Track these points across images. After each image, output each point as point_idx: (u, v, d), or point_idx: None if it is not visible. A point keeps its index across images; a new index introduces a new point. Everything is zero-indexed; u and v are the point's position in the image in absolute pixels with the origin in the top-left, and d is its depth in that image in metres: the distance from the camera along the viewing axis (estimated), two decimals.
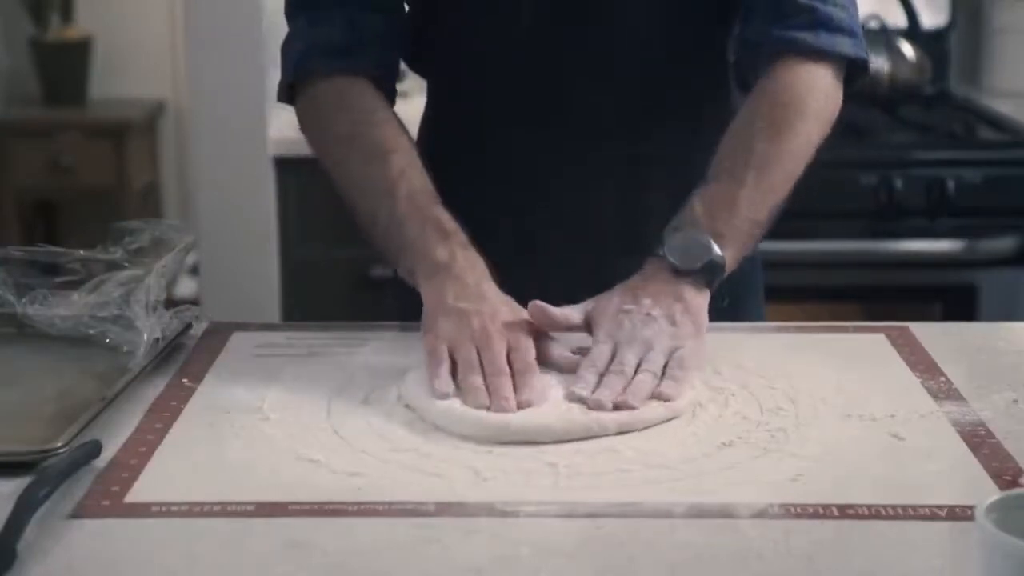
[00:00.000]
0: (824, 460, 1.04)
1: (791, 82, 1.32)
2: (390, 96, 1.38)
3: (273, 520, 0.95)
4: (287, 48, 1.40)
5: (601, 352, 1.18)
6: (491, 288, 1.23)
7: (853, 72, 1.37)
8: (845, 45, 1.33)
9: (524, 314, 1.21)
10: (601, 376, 1.15)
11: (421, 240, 1.26)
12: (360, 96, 1.35)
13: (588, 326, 1.22)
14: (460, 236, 1.26)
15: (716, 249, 1.24)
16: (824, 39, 1.32)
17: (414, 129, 1.43)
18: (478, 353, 1.16)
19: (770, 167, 1.29)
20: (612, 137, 1.41)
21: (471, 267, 1.24)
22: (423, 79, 1.52)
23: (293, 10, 1.41)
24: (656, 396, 1.13)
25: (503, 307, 1.21)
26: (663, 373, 1.16)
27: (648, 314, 1.20)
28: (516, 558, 0.89)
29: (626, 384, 1.14)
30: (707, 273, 1.24)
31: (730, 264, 1.26)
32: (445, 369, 1.15)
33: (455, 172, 1.36)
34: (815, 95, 1.32)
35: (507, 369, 1.15)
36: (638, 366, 1.16)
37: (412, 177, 1.30)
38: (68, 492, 0.98)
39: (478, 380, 1.14)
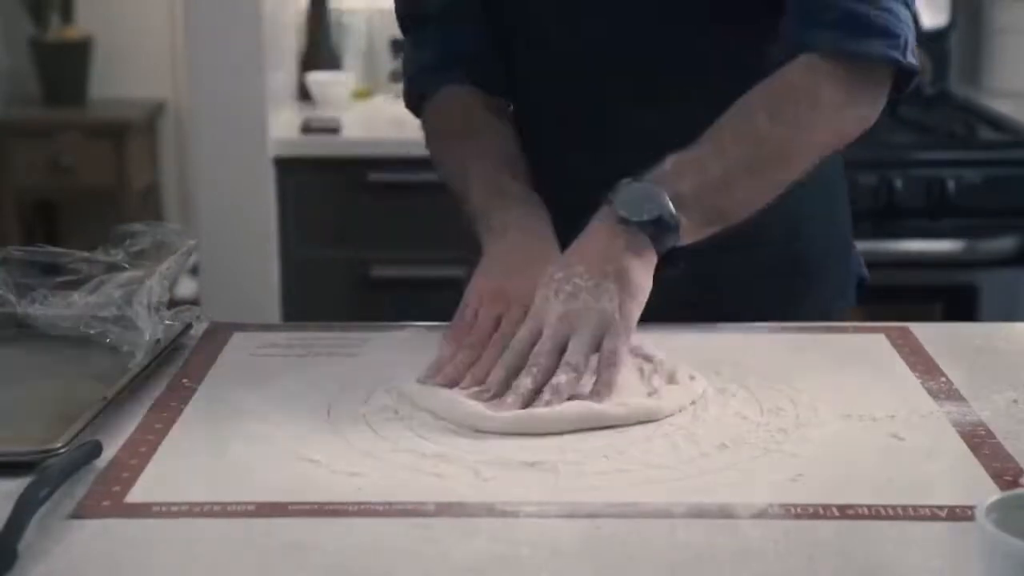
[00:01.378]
0: (824, 460, 1.04)
1: (807, 72, 1.24)
2: (497, 102, 1.45)
3: (273, 520, 0.95)
4: (405, 66, 1.50)
5: (520, 339, 1.16)
6: (536, 247, 1.25)
7: (899, 78, 1.28)
8: (876, 47, 1.24)
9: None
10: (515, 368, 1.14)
11: (484, 204, 1.31)
12: (457, 97, 1.43)
13: None
14: (519, 195, 1.31)
15: (670, 207, 1.16)
16: (849, 41, 1.24)
17: None
18: (498, 319, 1.20)
19: (768, 143, 1.22)
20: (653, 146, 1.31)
21: (526, 226, 1.27)
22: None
23: (405, 28, 1.49)
24: (580, 397, 1.11)
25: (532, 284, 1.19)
26: (590, 363, 1.14)
27: (575, 285, 1.15)
28: (516, 558, 0.89)
29: (537, 381, 1.12)
30: (652, 230, 1.16)
31: (687, 232, 1.18)
32: (449, 352, 1.19)
33: None
34: (832, 91, 1.24)
35: (526, 353, 1.15)
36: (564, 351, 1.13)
37: (491, 151, 1.37)
38: (68, 492, 0.98)
39: (486, 359, 1.17)
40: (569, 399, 1.11)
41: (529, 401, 1.11)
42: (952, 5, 3.13)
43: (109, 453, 1.05)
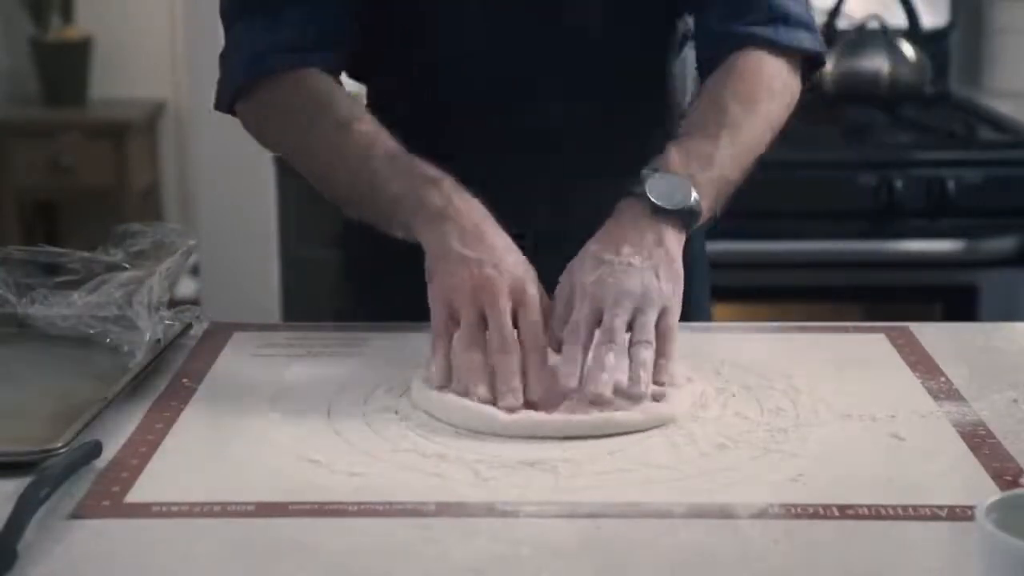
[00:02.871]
0: (824, 460, 1.04)
1: (757, 66, 1.35)
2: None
3: (273, 520, 0.95)
4: (232, 54, 1.38)
5: (584, 320, 1.14)
6: (494, 231, 1.19)
7: (808, 65, 1.40)
8: (804, 40, 1.37)
9: (528, 266, 1.18)
10: (586, 349, 1.13)
11: (412, 192, 1.21)
12: (317, 80, 1.34)
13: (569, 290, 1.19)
14: (450, 181, 1.22)
15: (695, 194, 1.22)
16: (783, 34, 1.35)
17: None
18: (482, 315, 1.14)
19: (742, 130, 1.29)
20: (557, 145, 1.39)
21: (469, 209, 1.20)
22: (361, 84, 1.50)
23: (234, 16, 1.40)
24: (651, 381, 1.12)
25: (508, 255, 1.18)
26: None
27: (629, 263, 1.17)
28: (516, 558, 0.89)
29: (618, 355, 1.12)
30: (686, 218, 1.21)
31: (703, 215, 1.24)
32: (443, 354, 1.14)
33: None
34: (777, 80, 1.35)
35: (514, 340, 1.13)
36: (630, 327, 1.14)
37: (385, 139, 1.27)
38: (68, 492, 0.98)
39: (477, 356, 1.13)
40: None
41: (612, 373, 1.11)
42: (952, 5, 3.12)
43: (109, 453, 1.05)
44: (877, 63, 2.90)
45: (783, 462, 1.04)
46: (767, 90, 1.33)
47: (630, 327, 1.14)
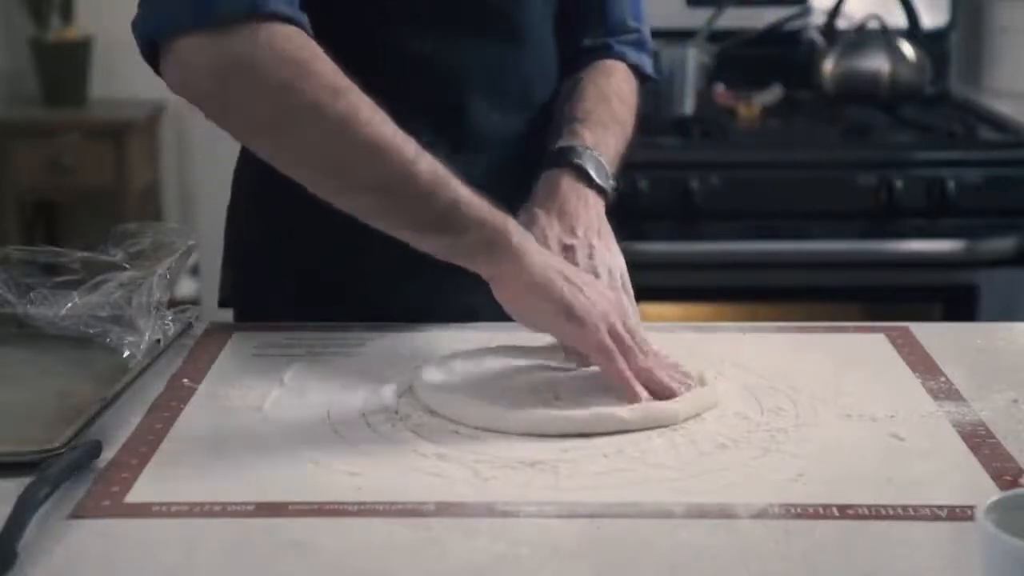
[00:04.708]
0: (824, 460, 1.04)
1: (625, 75, 1.48)
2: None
3: (273, 520, 0.95)
4: None
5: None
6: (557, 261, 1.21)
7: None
8: (648, 65, 1.52)
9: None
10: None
11: (482, 238, 1.15)
12: (304, 37, 1.15)
13: None
14: (512, 223, 1.19)
15: (608, 170, 1.34)
16: (641, 58, 1.51)
17: None
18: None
19: (620, 126, 1.41)
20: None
21: (516, 228, 1.18)
22: None
23: None
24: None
25: (589, 274, 1.24)
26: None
27: (591, 245, 1.27)
28: (516, 558, 0.89)
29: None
30: (609, 195, 1.33)
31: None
32: (626, 369, 1.16)
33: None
34: (632, 94, 1.49)
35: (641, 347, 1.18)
36: None
37: (448, 179, 1.17)
38: (68, 492, 0.98)
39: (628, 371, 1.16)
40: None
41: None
42: (952, 5, 3.13)
43: (109, 453, 1.05)
44: (877, 63, 2.90)
45: (783, 462, 1.04)
46: (629, 96, 1.47)
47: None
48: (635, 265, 1.30)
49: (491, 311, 1.21)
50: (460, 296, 1.29)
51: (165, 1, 1.18)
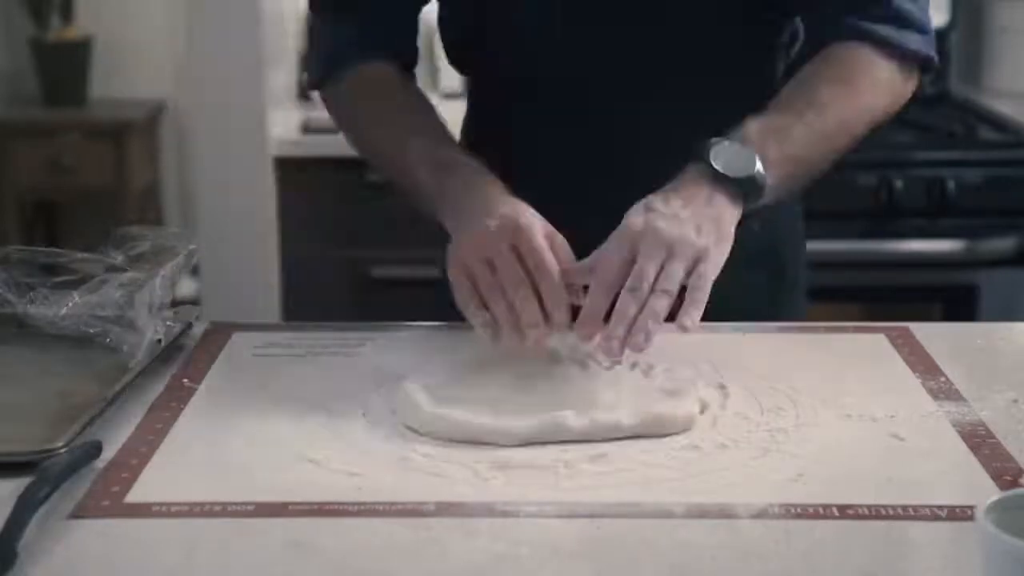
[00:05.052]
0: (824, 460, 1.04)
1: (857, 54, 1.33)
2: (415, 83, 1.46)
3: (273, 520, 0.95)
4: (312, 47, 1.50)
5: (610, 263, 1.15)
6: (498, 198, 1.21)
7: (920, 68, 1.39)
8: (914, 41, 1.35)
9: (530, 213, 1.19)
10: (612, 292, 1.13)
11: (432, 177, 1.29)
12: (379, 74, 1.42)
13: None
14: (467, 162, 1.28)
15: (760, 167, 1.21)
16: (894, 33, 1.34)
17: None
18: (491, 265, 1.16)
19: (830, 111, 1.28)
20: (645, 147, 1.37)
21: (477, 188, 1.24)
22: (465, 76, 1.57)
23: (315, 10, 1.49)
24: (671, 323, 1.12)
25: (503, 207, 1.19)
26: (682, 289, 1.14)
27: (676, 214, 1.17)
28: (516, 558, 0.89)
29: (639, 307, 1.12)
30: (746, 187, 1.21)
31: (768, 192, 1.23)
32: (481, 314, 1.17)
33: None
34: (882, 73, 1.33)
35: (522, 275, 1.15)
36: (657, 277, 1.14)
37: (428, 127, 1.35)
38: (68, 492, 0.98)
39: (500, 304, 1.15)
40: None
41: (631, 326, 1.12)
42: (952, 5, 3.13)
43: (109, 453, 1.05)
44: None
45: (783, 462, 1.04)
46: (867, 78, 1.32)
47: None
48: None
49: None
50: None
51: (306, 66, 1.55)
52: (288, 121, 2.96)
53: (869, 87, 1.32)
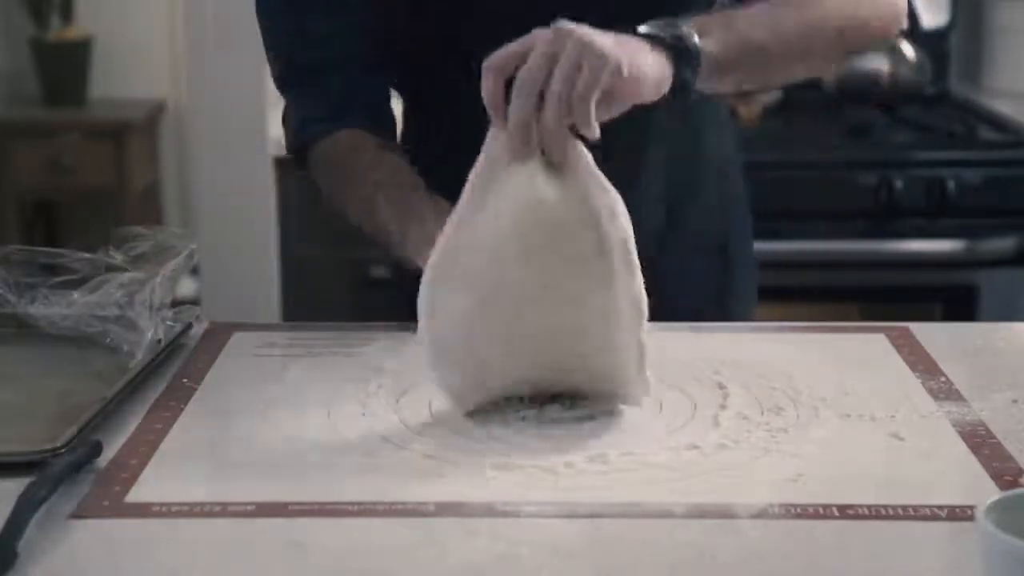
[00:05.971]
0: (824, 460, 1.04)
1: None
2: (393, 145, 1.43)
3: (273, 520, 0.95)
4: (287, 119, 1.47)
5: (536, 64, 1.04)
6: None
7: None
8: None
9: None
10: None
11: (399, 222, 1.27)
12: (351, 141, 1.39)
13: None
14: (421, 205, 1.25)
15: (695, 38, 1.16)
16: None
17: None
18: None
19: (784, 20, 1.27)
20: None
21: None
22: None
23: (284, 85, 1.47)
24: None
25: None
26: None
27: (584, 29, 1.06)
28: (516, 558, 0.89)
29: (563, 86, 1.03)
30: (678, 50, 1.15)
31: (705, 74, 1.17)
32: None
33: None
34: None
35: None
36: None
37: (398, 180, 1.31)
38: (68, 492, 0.98)
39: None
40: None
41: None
42: (952, 5, 3.13)
43: (109, 453, 1.05)
44: (877, 63, 2.90)
45: (783, 462, 1.04)
46: None
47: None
48: None
49: None
50: None
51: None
52: None
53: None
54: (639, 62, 1.11)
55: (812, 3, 1.30)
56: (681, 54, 1.16)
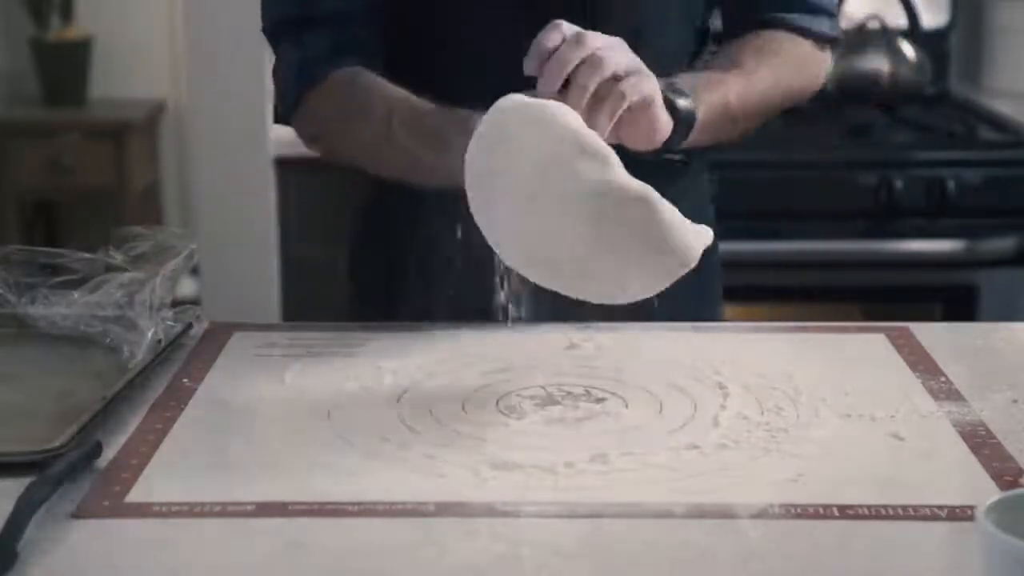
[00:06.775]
0: (824, 460, 1.04)
1: (774, 36, 1.41)
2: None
3: (273, 520, 0.95)
4: (281, 69, 1.48)
5: (551, 38, 1.14)
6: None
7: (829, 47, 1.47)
8: (825, 25, 1.44)
9: None
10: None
11: (423, 132, 1.26)
12: (355, 77, 1.39)
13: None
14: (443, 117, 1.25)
15: (690, 100, 1.23)
16: (808, 19, 1.43)
17: None
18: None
19: (754, 74, 1.34)
20: None
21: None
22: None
23: (276, 36, 1.48)
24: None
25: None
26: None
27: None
28: (516, 558, 0.89)
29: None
30: (677, 116, 1.22)
31: (697, 128, 1.24)
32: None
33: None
34: (798, 50, 1.42)
35: None
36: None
37: (409, 99, 1.30)
38: (68, 492, 0.98)
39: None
40: None
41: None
42: (952, 5, 3.13)
43: (109, 453, 1.05)
44: (877, 63, 2.90)
45: (783, 462, 1.04)
46: (785, 54, 1.39)
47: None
48: None
49: None
50: None
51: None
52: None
53: (786, 61, 1.39)
54: (660, 112, 1.19)
55: (770, 69, 1.37)
56: (683, 120, 1.23)
